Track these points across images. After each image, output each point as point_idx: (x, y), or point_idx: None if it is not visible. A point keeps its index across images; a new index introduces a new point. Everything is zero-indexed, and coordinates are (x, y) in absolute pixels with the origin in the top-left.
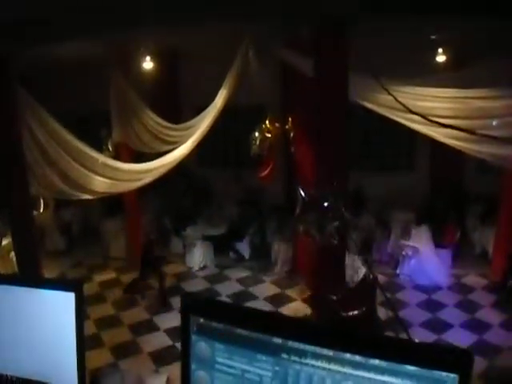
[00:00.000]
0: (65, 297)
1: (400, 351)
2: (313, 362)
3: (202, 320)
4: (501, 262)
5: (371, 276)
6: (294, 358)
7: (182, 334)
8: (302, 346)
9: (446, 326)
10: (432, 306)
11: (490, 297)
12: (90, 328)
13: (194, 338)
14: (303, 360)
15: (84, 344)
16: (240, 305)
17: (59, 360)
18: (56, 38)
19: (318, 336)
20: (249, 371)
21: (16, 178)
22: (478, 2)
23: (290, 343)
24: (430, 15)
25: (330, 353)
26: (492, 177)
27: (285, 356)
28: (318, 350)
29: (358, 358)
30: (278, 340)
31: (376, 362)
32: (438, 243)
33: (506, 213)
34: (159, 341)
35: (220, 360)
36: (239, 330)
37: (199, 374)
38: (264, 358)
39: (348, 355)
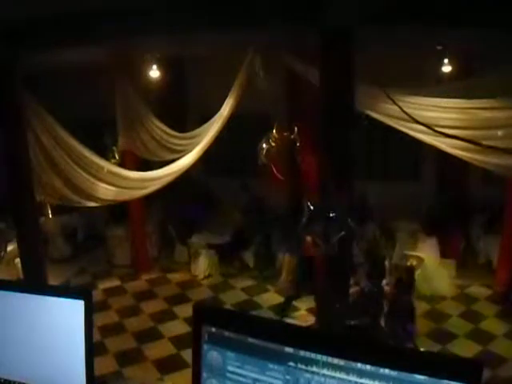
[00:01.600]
0: (74, 304)
1: (410, 361)
2: (324, 371)
3: (213, 329)
4: (505, 272)
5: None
6: (305, 367)
7: (193, 343)
8: (313, 355)
9: (450, 337)
10: (436, 316)
11: (494, 307)
12: (94, 335)
13: (205, 347)
14: (314, 369)
15: (93, 352)
16: (252, 314)
17: (68, 367)
18: (61, 44)
19: (329, 345)
20: (260, 380)
21: (21, 183)
22: (484, 14)
23: (302, 352)
24: (434, 27)
25: (341, 362)
26: (497, 187)
27: (296, 365)
28: (329, 359)
29: (368, 367)
30: (289, 349)
31: (386, 371)
32: (443, 253)
33: (510, 223)
34: (164, 349)
35: (231, 369)
36: (251, 339)
37: (210, 382)
38: (275, 367)
39: (359, 364)
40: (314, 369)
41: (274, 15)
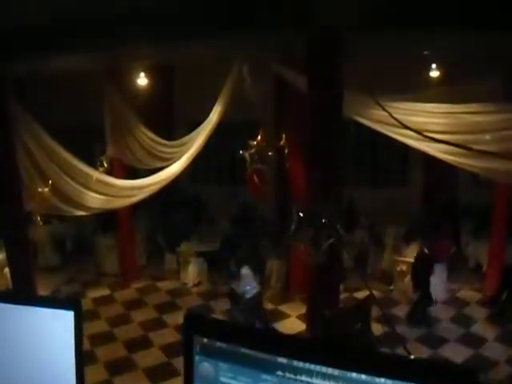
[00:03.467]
0: (63, 315)
1: (406, 369)
2: (318, 381)
3: (205, 340)
4: (494, 275)
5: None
6: (299, 377)
7: (184, 354)
8: (306, 365)
9: (441, 341)
10: (427, 320)
11: (485, 311)
12: (84, 345)
13: (197, 358)
14: (308, 379)
15: (83, 362)
16: (244, 324)
17: (58, 378)
18: (51, 52)
19: (323, 355)
20: None
21: (9, 193)
22: (472, 17)
23: (295, 362)
24: (422, 32)
25: (336, 372)
26: (485, 191)
27: (290, 376)
28: (323, 369)
29: (363, 376)
30: (282, 359)
31: (382, 380)
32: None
33: (498, 227)
34: (154, 357)
35: (224, 380)
36: (243, 350)
37: None
38: (269, 377)
39: (354, 374)
40: (308, 379)
41: (261, 23)
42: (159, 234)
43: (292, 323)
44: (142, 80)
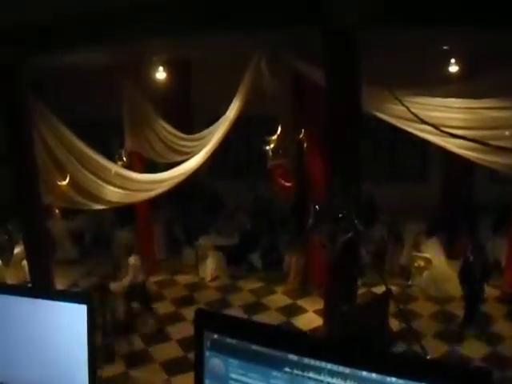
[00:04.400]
0: (77, 309)
1: (417, 369)
2: (328, 379)
3: (215, 336)
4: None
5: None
6: (309, 374)
7: (195, 349)
8: (317, 362)
9: (458, 337)
10: (444, 317)
11: (503, 308)
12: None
13: (207, 353)
14: (319, 377)
15: (96, 356)
16: (254, 320)
17: (71, 371)
18: (67, 46)
19: (334, 353)
20: None
21: (28, 186)
22: (487, 13)
23: (306, 360)
24: (438, 26)
25: (347, 370)
26: (504, 187)
27: (300, 373)
28: (334, 367)
29: (374, 375)
30: (293, 356)
31: (393, 379)
32: (450, 254)
33: None
34: (171, 351)
35: (234, 376)
36: (254, 346)
37: None
38: (279, 374)
39: (364, 373)
40: (319, 376)
41: (279, 17)
42: (178, 228)
43: (309, 318)
44: (161, 74)
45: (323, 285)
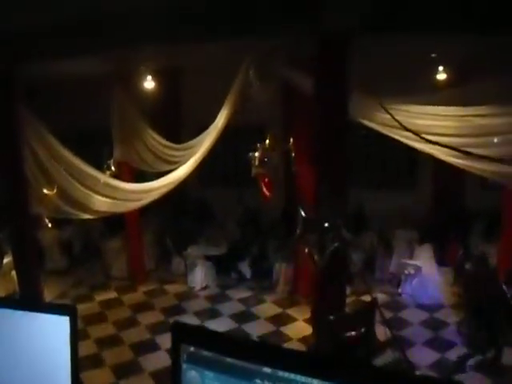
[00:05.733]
0: (59, 321)
1: (389, 382)
2: None
3: (192, 349)
4: (503, 279)
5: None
6: None
7: (172, 362)
8: (292, 375)
9: (448, 345)
10: (434, 324)
11: None
12: (90, 348)
13: (184, 366)
14: None
15: (78, 368)
16: (230, 334)
17: (54, 383)
18: (56, 56)
19: (307, 366)
20: None
21: (16, 196)
22: (479, 18)
23: (280, 373)
24: (430, 33)
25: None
26: (494, 194)
27: None
28: (308, 380)
29: None
30: (267, 369)
31: None
32: (441, 261)
33: (508, 230)
34: (161, 360)
35: None
36: (229, 359)
37: None
38: None
39: None
40: None
41: (270, 24)
42: (167, 238)
43: (299, 327)
44: (149, 83)
45: (312, 294)
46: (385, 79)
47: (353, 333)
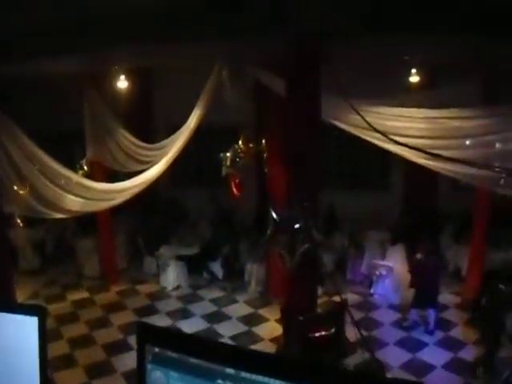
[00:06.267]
0: (28, 321)
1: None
2: None
3: (157, 349)
4: (474, 279)
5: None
6: None
7: (137, 362)
8: (254, 376)
9: (420, 345)
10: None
11: (464, 315)
12: (63, 348)
13: (149, 366)
14: None
15: (47, 369)
16: (194, 334)
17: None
18: (29, 57)
19: (270, 367)
20: None
21: None
22: (451, 22)
23: (243, 374)
24: (403, 36)
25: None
26: (466, 195)
27: None
28: (271, 381)
29: None
30: (230, 370)
31: None
32: (412, 262)
33: (479, 231)
34: (133, 361)
35: None
36: (193, 360)
37: None
38: None
39: None
40: None
41: (242, 27)
42: (139, 238)
43: (271, 327)
44: (122, 83)
45: (283, 294)
46: (357, 81)
47: (323, 333)
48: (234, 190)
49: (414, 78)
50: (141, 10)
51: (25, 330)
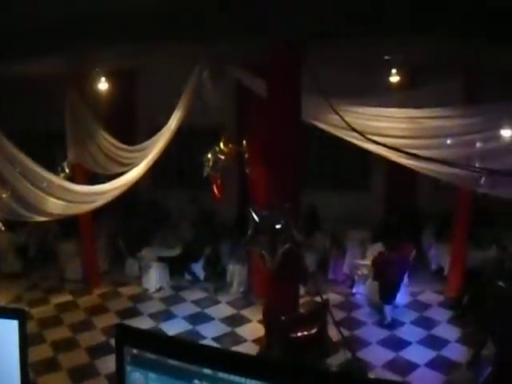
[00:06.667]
0: (8, 324)
1: (329, 382)
2: None
3: (135, 351)
4: (456, 278)
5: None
6: None
7: (116, 364)
8: (231, 376)
9: (403, 344)
10: (389, 323)
11: (447, 313)
12: (46, 351)
13: (128, 368)
14: None
15: (28, 371)
16: (171, 336)
17: None
18: (10, 57)
19: (246, 367)
20: None
21: None
22: (431, 22)
23: (220, 374)
24: (382, 38)
25: (258, 383)
26: (446, 194)
27: None
28: (247, 381)
29: None
30: (207, 371)
31: None
32: None
33: (460, 230)
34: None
35: None
36: (171, 361)
37: None
38: None
39: None
40: None
41: (222, 28)
42: (120, 239)
43: (253, 328)
44: (103, 85)
45: (265, 294)
46: (337, 81)
47: (305, 333)
48: (216, 191)
49: (394, 78)
50: (125, 10)
51: (5, 333)
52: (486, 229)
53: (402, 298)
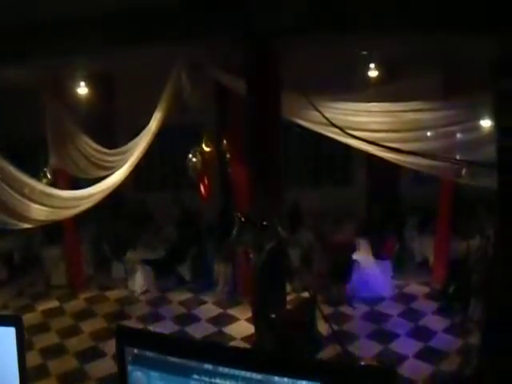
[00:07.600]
0: (5, 332)
1: (327, 373)
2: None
3: (136, 351)
4: (441, 269)
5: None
6: (225, 382)
7: (118, 364)
8: (231, 371)
9: (391, 336)
10: (376, 317)
11: (433, 304)
12: (35, 358)
13: (130, 368)
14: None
15: (26, 378)
16: (171, 334)
17: None
18: None
19: (246, 361)
20: None
21: None
22: (410, 16)
23: (221, 369)
24: (360, 33)
25: (259, 376)
26: (428, 187)
27: (217, 381)
28: (247, 374)
29: (286, 380)
30: (208, 366)
31: (303, 383)
32: (378, 255)
33: (443, 221)
34: (106, 367)
35: None
36: (172, 358)
37: None
38: (193, 383)
39: (276, 378)
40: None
41: (197, 27)
42: (105, 243)
43: (242, 326)
44: (83, 89)
45: (252, 293)
46: (316, 77)
47: (295, 329)
48: (203, 190)
49: (373, 73)
50: (98, 11)
51: (2, 341)
52: (469, 219)
53: (388, 290)
